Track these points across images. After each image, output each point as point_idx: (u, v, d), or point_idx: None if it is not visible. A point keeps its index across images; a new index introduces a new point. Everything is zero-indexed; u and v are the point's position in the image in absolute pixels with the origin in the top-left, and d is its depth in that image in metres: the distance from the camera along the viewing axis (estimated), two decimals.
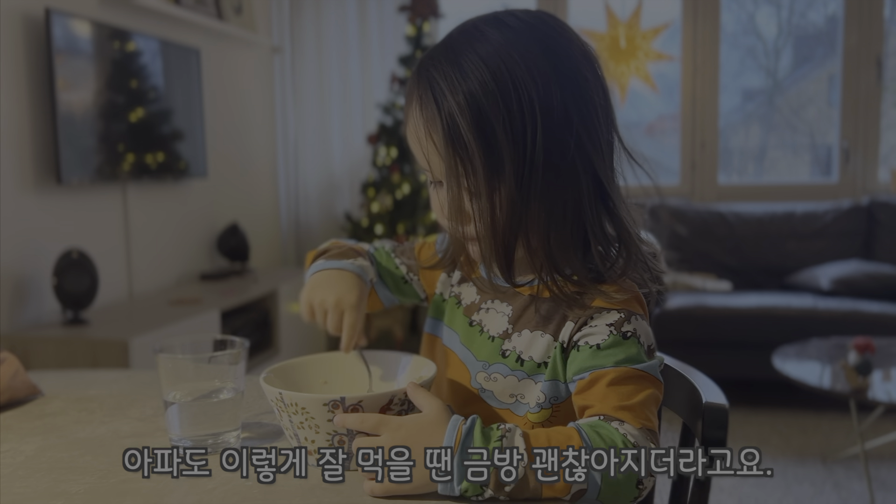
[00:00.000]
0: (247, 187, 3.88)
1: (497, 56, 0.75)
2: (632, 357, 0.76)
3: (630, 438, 0.70)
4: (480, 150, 0.75)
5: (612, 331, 0.77)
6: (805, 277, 3.49)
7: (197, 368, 0.83)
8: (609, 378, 0.75)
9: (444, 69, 0.77)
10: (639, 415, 0.73)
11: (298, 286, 3.48)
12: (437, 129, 0.77)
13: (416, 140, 0.81)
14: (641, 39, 3.90)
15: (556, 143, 0.75)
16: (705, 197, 4.02)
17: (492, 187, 0.76)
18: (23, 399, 1.02)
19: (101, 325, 2.45)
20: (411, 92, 0.81)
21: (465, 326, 0.89)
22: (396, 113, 3.76)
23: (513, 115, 0.74)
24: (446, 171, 0.77)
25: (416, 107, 0.79)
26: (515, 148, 0.75)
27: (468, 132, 0.75)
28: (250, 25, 3.75)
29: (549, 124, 0.75)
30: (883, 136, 3.89)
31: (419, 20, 3.71)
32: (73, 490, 0.73)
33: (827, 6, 4.17)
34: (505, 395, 0.84)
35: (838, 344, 2.75)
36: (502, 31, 0.77)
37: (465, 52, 0.77)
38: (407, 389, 0.75)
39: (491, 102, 0.74)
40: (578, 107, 0.77)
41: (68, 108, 2.51)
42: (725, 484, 2.46)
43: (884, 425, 2.89)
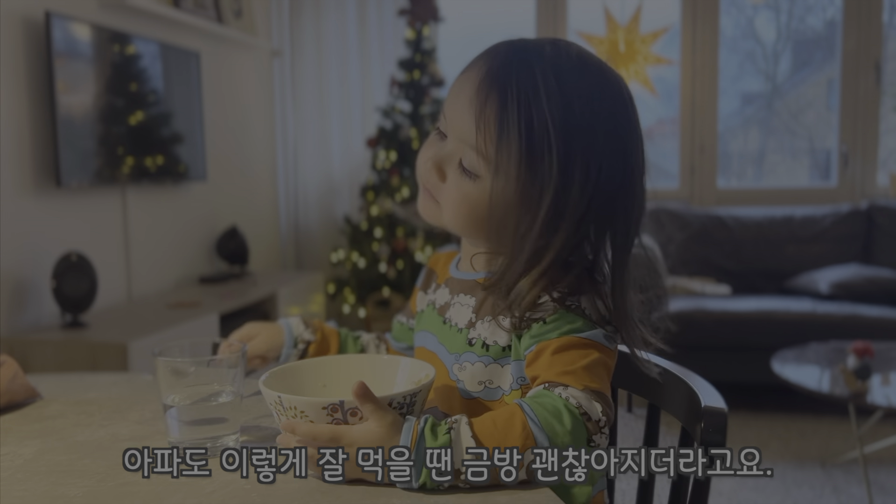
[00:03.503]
0: (246, 190, 3.88)
1: (592, 96, 0.80)
2: (576, 327, 0.79)
3: (572, 400, 0.73)
4: (557, 162, 0.78)
5: (556, 305, 0.79)
6: (804, 281, 3.49)
7: (196, 372, 0.83)
8: (553, 347, 0.78)
9: (546, 74, 0.79)
10: (581, 377, 0.75)
11: (298, 289, 3.49)
12: (509, 119, 0.78)
13: (465, 103, 0.81)
14: (641, 43, 3.91)
15: (598, 201, 0.80)
16: (704, 201, 4.02)
17: (525, 197, 0.79)
18: (22, 402, 1.02)
19: (101, 328, 2.45)
20: (496, 66, 0.81)
21: (439, 325, 0.92)
22: (396, 116, 3.76)
23: (590, 156, 0.78)
24: (478, 150, 0.80)
25: (492, 81, 0.80)
26: (571, 181, 0.78)
27: (555, 147, 0.77)
28: (250, 29, 3.76)
29: (604, 181, 0.79)
30: (882, 140, 3.89)
31: (419, 24, 3.71)
32: (72, 493, 0.73)
33: (826, 11, 4.18)
34: (474, 383, 0.86)
35: (837, 348, 2.75)
36: (603, 76, 0.82)
37: (569, 74, 0.80)
38: (354, 394, 0.73)
39: (581, 132, 0.78)
40: (631, 173, 0.82)
41: (68, 111, 2.52)
42: (724, 488, 2.46)
43: (883, 429, 2.89)
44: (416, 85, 3.73)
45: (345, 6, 4.05)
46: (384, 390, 0.77)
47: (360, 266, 3.71)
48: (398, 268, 3.68)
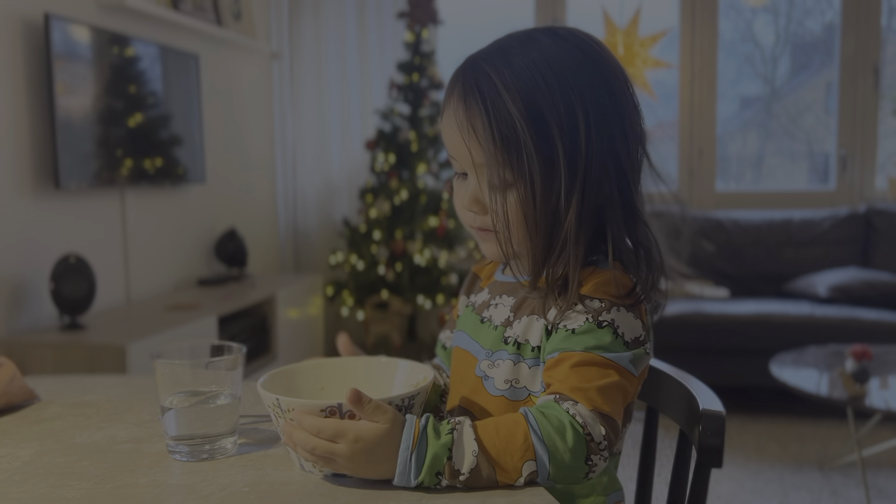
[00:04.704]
0: (245, 193, 3.88)
1: (549, 59, 0.80)
2: (603, 345, 0.78)
3: (578, 419, 0.73)
4: (533, 142, 0.78)
5: (589, 318, 0.79)
6: (802, 285, 3.49)
7: (194, 374, 0.83)
8: (574, 360, 0.77)
9: (495, 63, 0.81)
10: (593, 398, 0.75)
11: (296, 291, 3.49)
12: (482, 119, 0.79)
13: (453, 130, 0.83)
14: (639, 47, 3.91)
15: (600, 147, 0.80)
16: (703, 204, 4.03)
17: (541, 178, 0.79)
18: (20, 404, 1.01)
19: (99, 331, 2.44)
20: (455, 83, 0.84)
21: (476, 324, 0.91)
22: (395, 119, 3.76)
23: (564, 114, 0.78)
24: (486, 162, 0.80)
25: (458, 97, 0.82)
26: (566, 144, 0.78)
27: (521, 124, 0.78)
28: (249, 31, 3.76)
29: (597, 128, 0.79)
30: (880, 143, 3.90)
31: (418, 27, 3.71)
32: (70, 495, 0.73)
33: (824, 14, 4.19)
34: (501, 381, 0.85)
35: (835, 351, 2.75)
36: (554, 39, 0.82)
37: (516, 52, 0.81)
38: (348, 400, 0.73)
39: (544, 98, 0.78)
40: (620, 119, 0.82)
41: (67, 112, 2.52)
42: (723, 491, 2.46)
43: (881, 433, 2.89)
44: (416, 87, 3.73)
45: (344, 9, 4.05)
46: (382, 392, 0.77)
47: (358, 268, 3.71)
48: (397, 270, 3.68)
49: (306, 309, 3.62)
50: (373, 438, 0.72)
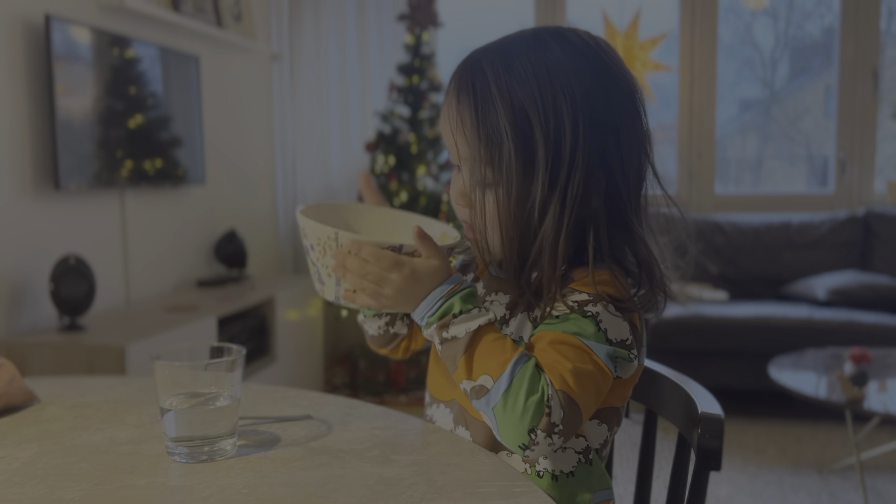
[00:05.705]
0: (245, 194, 3.88)
1: (549, 67, 0.80)
2: (583, 333, 0.78)
3: (548, 389, 0.74)
4: (515, 148, 0.79)
5: (574, 306, 0.80)
6: (801, 288, 3.50)
7: (194, 375, 0.83)
8: (552, 337, 0.78)
9: (494, 63, 0.82)
10: (566, 378, 0.75)
11: (296, 293, 3.49)
12: (471, 116, 0.81)
13: (446, 121, 0.85)
14: (639, 49, 3.91)
15: (588, 160, 0.80)
16: (702, 207, 4.03)
17: (518, 184, 0.80)
18: (19, 405, 1.02)
19: (98, 332, 2.44)
20: (454, 76, 0.86)
21: None
22: (395, 121, 3.76)
23: (552, 124, 0.78)
24: (470, 157, 0.82)
25: (454, 90, 0.84)
26: (549, 154, 0.79)
27: (506, 127, 0.79)
28: (249, 33, 3.76)
29: (586, 141, 0.79)
30: (879, 146, 3.90)
31: (418, 29, 3.72)
32: (69, 497, 0.73)
33: (824, 18, 4.19)
34: None
35: (834, 354, 2.75)
36: (562, 45, 0.82)
37: (519, 55, 0.81)
38: (414, 236, 0.79)
39: (533, 107, 0.79)
40: (616, 132, 0.81)
41: (67, 113, 2.52)
42: (722, 494, 2.46)
43: (879, 436, 2.89)
44: (415, 90, 3.74)
45: (344, 10, 4.06)
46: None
47: None
48: None
49: (306, 310, 3.62)
50: (425, 274, 0.78)
